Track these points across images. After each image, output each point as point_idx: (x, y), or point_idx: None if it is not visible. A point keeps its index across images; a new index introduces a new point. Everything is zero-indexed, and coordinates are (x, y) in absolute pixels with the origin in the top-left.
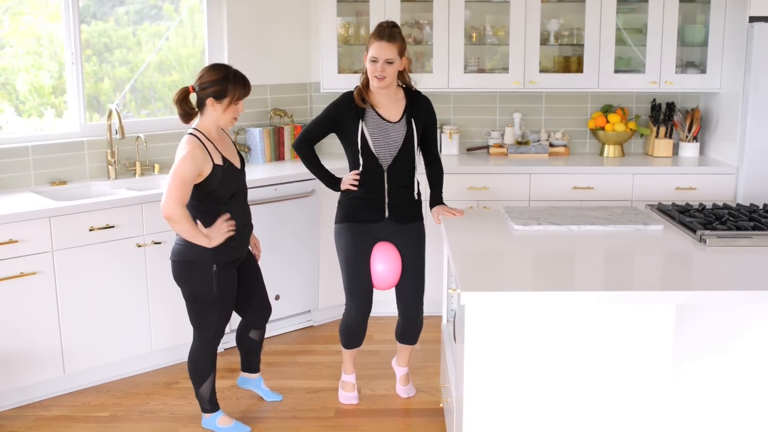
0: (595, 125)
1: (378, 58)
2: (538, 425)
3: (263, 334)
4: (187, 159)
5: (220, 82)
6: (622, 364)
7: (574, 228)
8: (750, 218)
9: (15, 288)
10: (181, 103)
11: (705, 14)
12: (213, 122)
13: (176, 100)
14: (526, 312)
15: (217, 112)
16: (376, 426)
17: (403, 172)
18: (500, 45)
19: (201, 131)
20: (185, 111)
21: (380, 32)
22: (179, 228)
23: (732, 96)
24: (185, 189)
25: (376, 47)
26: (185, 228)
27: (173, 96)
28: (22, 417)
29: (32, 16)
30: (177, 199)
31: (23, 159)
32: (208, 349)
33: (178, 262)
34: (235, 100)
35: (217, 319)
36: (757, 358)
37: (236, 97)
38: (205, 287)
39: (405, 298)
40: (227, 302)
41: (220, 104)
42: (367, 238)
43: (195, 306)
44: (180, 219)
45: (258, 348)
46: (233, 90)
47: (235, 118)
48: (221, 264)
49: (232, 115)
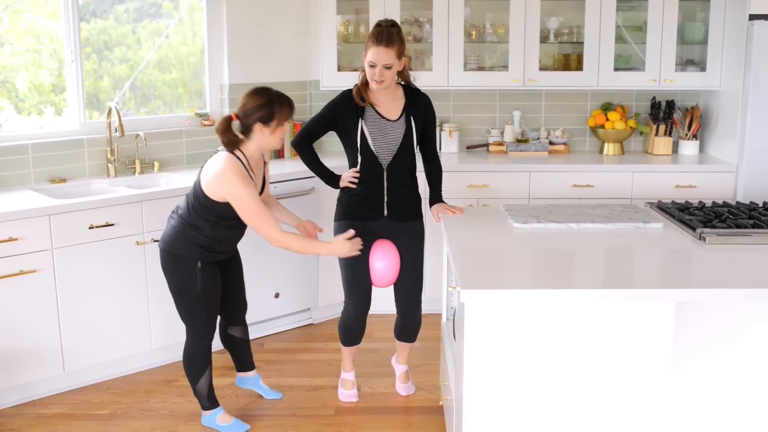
0: (595, 123)
1: (376, 63)
2: (538, 423)
3: (245, 329)
4: (244, 185)
5: (266, 105)
6: (622, 362)
7: (574, 226)
8: (749, 216)
9: (15, 286)
10: (225, 132)
11: (705, 12)
12: (260, 146)
13: (219, 130)
14: (526, 310)
15: (266, 136)
16: (375, 424)
17: (403, 170)
18: (500, 43)
19: (246, 155)
20: (229, 139)
21: (378, 36)
22: (296, 250)
23: (732, 94)
24: (262, 209)
25: (374, 52)
26: (300, 247)
27: (216, 126)
28: (21, 415)
29: (32, 14)
30: (271, 225)
31: (23, 157)
32: (201, 343)
33: (167, 252)
34: (283, 121)
35: (205, 315)
36: (757, 356)
37: (283, 118)
38: (189, 282)
39: (403, 295)
40: (211, 299)
41: (267, 128)
42: (366, 235)
43: (182, 301)
44: (290, 242)
45: (245, 345)
46: (280, 111)
47: (282, 138)
48: (206, 263)
49: (280, 136)
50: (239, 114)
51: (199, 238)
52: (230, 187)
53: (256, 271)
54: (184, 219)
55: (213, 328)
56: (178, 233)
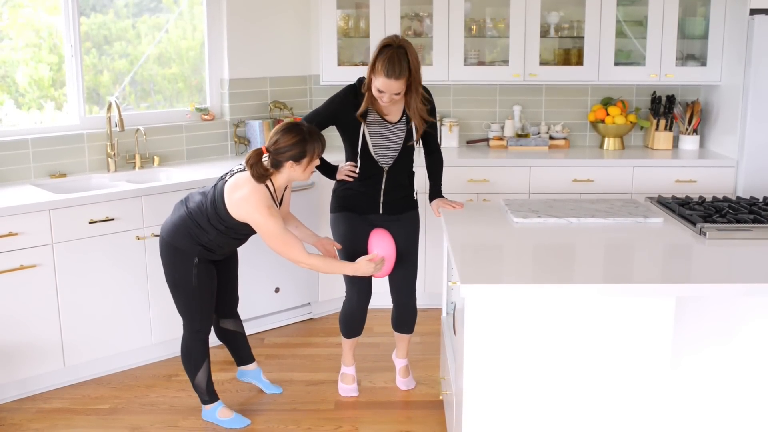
0: (595, 118)
1: (385, 92)
2: (537, 417)
3: (239, 322)
4: (270, 216)
5: (299, 144)
6: (622, 357)
7: (574, 221)
8: (750, 211)
9: (15, 281)
10: (256, 166)
11: (705, 7)
12: (290, 179)
13: (250, 163)
14: (526, 305)
15: (297, 172)
16: (375, 418)
17: (402, 172)
18: (500, 37)
19: (275, 186)
20: (260, 173)
21: (389, 67)
22: (321, 270)
23: (732, 89)
24: (287, 236)
25: (384, 83)
26: (326, 267)
27: (246, 159)
28: (22, 409)
29: (31, 9)
30: (297, 249)
31: (23, 152)
32: (197, 336)
33: (167, 242)
34: (314, 158)
35: (200, 308)
36: (757, 351)
37: (315, 155)
38: (184, 276)
39: (397, 284)
40: (206, 293)
41: (299, 165)
42: (364, 225)
43: (178, 293)
44: (315, 263)
45: (241, 338)
46: (312, 150)
47: (312, 173)
48: (203, 259)
49: (311, 171)
50: (270, 149)
51: (202, 238)
52: (255, 216)
53: (256, 266)
54: (192, 216)
55: (209, 323)
56: (181, 227)
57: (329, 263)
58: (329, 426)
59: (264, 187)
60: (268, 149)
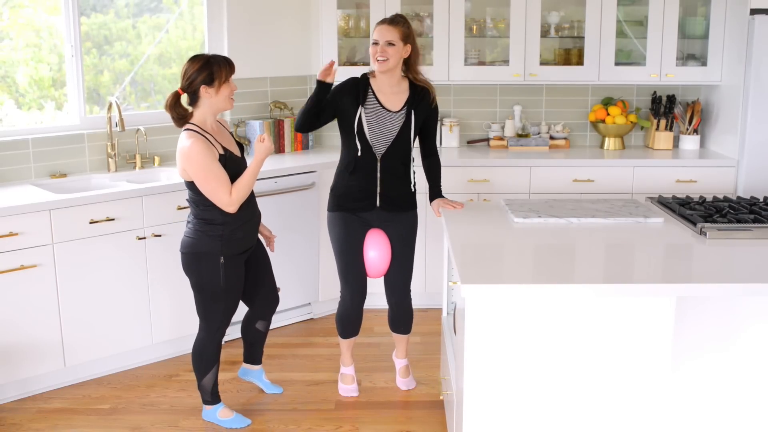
0: (596, 118)
1: (378, 40)
2: (537, 418)
3: (269, 325)
4: (200, 150)
5: (204, 67)
6: (623, 357)
7: (575, 221)
8: (750, 211)
9: (15, 281)
10: (174, 107)
11: (706, 6)
12: (211, 110)
13: (168, 106)
14: (526, 304)
15: (212, 97)
16: (376, 418)
17: (397, 162)
18: (501, 37)
19: (197, 125)
20: (179, 114)
21: (383, 18)
22: (244, 191)
23: (732, 89)
24: (221, 175)
25: (378, 30)
26: (244, 183)
27: (164, 104)
28: (22, 409)
29: (32, 9)
30: (225, 190)
31: (23, 152)
32: (213, 339)
33: (187, 254)
34: (224, 79)
35: (222, 311)
36: (758, 352)
37: (224, 76)
38: (212, 279)
39: (392, 283)
40: (233, 294)
41: (212, 88)
42: (360, 225)
43: (202, 296)
44: (238, 193)
45: (262, 339)
46: (219, 70)
47: (231, 98)
48: (229, 256)
49: (227, 94)
50: (184, 86)
51: (216, 229)
52: (185, 153)
53: None
54: (196, 217)
55: (227, 326)
56: (194, 233)
57: (245, 178)
58: (329, 426)
59: (189, 130)
60: (182, 88)
